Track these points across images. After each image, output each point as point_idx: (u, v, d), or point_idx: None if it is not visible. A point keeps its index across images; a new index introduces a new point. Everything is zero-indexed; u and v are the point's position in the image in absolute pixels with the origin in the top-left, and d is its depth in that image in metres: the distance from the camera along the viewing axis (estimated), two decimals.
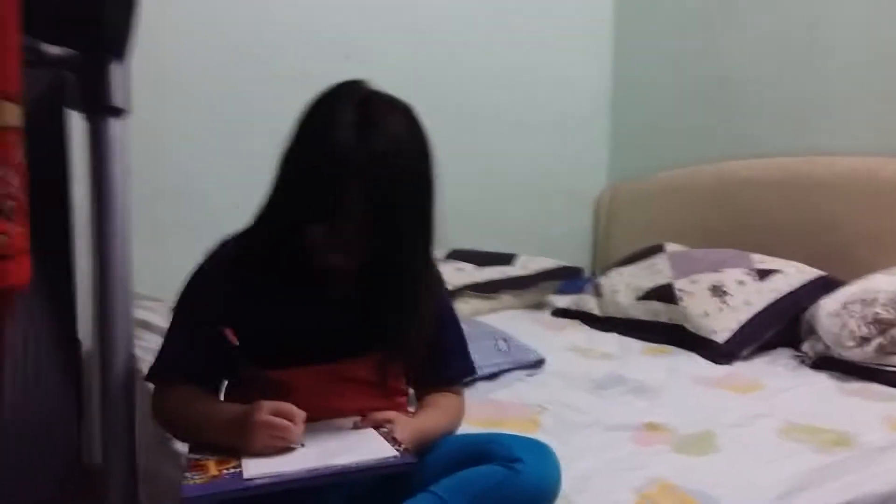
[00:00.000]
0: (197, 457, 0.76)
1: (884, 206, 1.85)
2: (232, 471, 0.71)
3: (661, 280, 1.97)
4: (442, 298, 1.02)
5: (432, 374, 0.99)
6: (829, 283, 1.77)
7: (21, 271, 0.65)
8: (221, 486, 0.68)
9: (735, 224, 2.23)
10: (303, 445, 0.75)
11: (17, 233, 0.64)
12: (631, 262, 2.20)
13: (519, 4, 2.73)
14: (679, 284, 1.90)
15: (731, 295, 1.80)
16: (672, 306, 1.87)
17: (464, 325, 1.38)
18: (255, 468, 0.70)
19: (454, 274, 2.13)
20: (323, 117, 0.84)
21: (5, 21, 0.61)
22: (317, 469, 0.70)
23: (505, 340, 1.51)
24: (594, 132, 3.02)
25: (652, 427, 1.21)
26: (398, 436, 0.80)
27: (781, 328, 1.76)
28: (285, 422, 0.75)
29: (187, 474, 0.72)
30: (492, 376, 1.43)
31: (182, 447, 1.02)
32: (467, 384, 1.23)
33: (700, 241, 2.18)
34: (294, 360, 0.86)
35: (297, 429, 0.75)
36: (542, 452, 0.82)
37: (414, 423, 0.87)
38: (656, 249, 2.17)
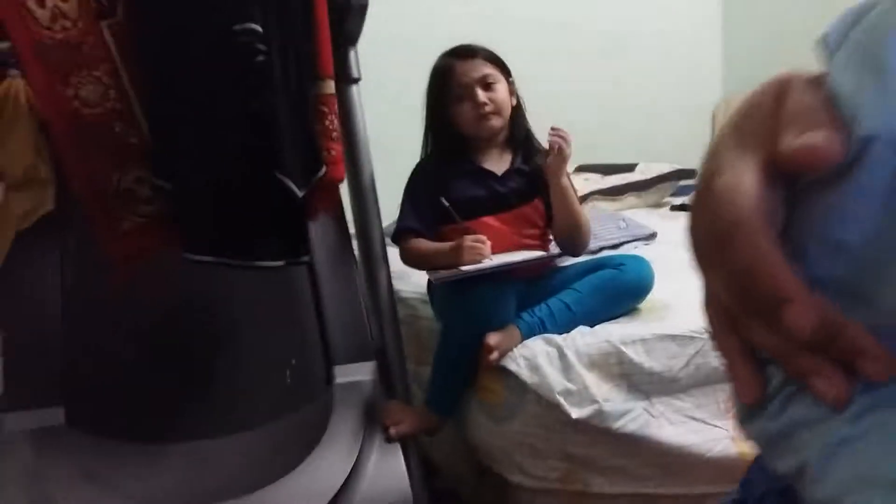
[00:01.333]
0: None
1: None
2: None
3: None
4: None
5: None
6: None
7: (342, 172, 1.22)
8: (453, 274, 1.24)
9: None
10: (491, 259, 1.29)
11: (338, 150, 1.20)
12: None
13: None
14: None
15: None
16: None
17: (590, 212, 1.87)
18: (468, 268, 1.25)
19: (582, 184, 2.59)
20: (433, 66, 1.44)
21: (325, 32, 1.15)
22: (501, 263, 1.24)
23: (623, 220, 1.98)
24: (707, 49, 3.31)
25: None
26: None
27: None
28: (480, 243, 1.28)
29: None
30: (614, 247, 1.90)
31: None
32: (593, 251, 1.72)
33: None
34: (478, 214, 1.38)
35: (487, 247, 1.28)
36: (639, 259, 1.32)
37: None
38: None
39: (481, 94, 1.37)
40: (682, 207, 2.62)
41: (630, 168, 2.76)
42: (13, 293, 1.16)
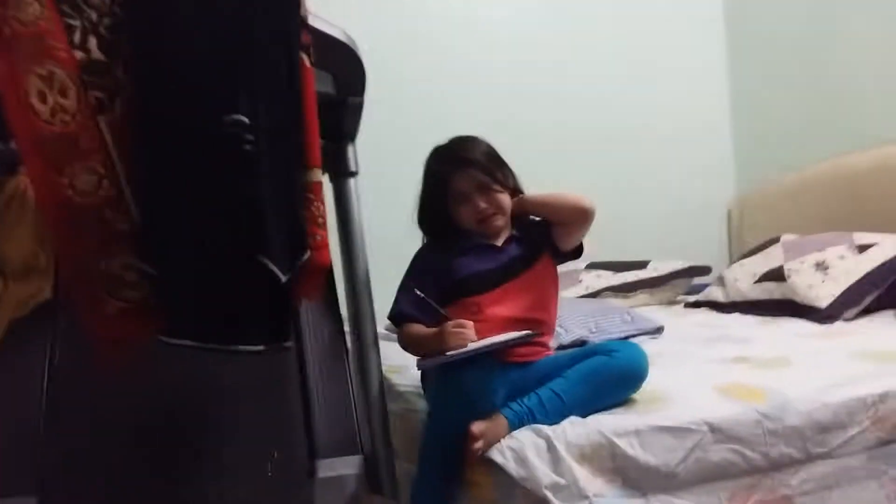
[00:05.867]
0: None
1: None
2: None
3: (774, 264, 2.29)
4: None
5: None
6: None
7: (326, 257, 1.23)
8: (435, 359, 1.22)
9: (853, 211, 2.47)
10: (475, 342, 1.26)
11: (323, 235, 1.22)
12: (752, 254, 2.53)
13: (640, 44, 3.25)
14: (788, 265, 2.22)
15: (833, 268, 2.09)
16: (782, 284, 2.18)
17: (593, 303, 1.84)
18: (451, 352, 1.22)
19: (594, 280, 2.58)
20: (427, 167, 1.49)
21: (313, 124, 1.19)
22: (483, 345, 1.21)
23: (629, 314, 1.94)
24: (718, 146, 3.36)
25: (740, 359, 1.58)
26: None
27: (881, 293, 2.02)
28: (462, 329, 1.25)
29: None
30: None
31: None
32: None
33: (823, 231, 2.40)
34: (489, 287, 1.38)
35: (470, 330, 1.25)
36: (631, 346, 1.28)
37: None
38: (773, 241, 2.48)
39: (480, 201, 1.42)
40: (695, 304, 2.57)
41: (642, 265, 2.74)
42: None
